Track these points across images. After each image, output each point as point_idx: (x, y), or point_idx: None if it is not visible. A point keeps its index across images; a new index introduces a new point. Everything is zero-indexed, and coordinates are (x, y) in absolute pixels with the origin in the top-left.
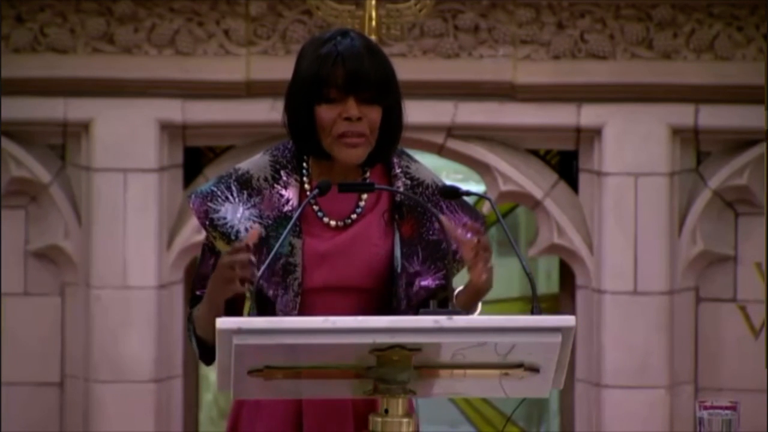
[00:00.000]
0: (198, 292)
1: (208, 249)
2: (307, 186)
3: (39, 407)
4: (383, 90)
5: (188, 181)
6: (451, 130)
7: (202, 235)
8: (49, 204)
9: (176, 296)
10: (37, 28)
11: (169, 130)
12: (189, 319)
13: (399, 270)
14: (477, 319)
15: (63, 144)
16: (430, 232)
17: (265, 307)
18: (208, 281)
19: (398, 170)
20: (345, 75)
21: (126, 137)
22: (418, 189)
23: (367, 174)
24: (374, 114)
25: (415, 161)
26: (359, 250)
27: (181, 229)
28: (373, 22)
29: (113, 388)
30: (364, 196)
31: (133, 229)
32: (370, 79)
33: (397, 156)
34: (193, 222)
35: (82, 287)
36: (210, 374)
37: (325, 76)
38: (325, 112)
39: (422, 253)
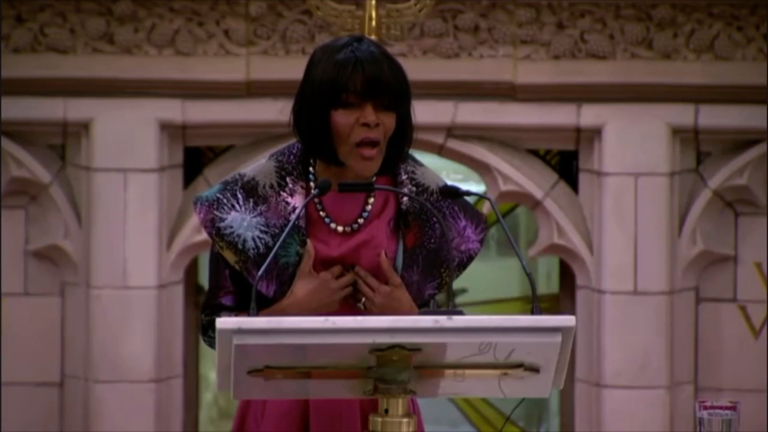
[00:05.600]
0: (223, 300)
1: (222, 259)
2: (326, 179)
3: (39, 407)
4: (400, 97)
5: (188, 181)
6: (451, 130)
7: (202, 236)
8: (49, 204)
9: (176, 296)
10: (37, 28)
11: (169, 130)
12: (210, 327)
13: None
14: (477, 319)
15: (63, 144)
16: (432, 240)
17: None
18: (225, 287)
19: (404, 176)
20: (364, 80)
21: (126, 137)
22: (422, 195)
23: (373, 179)
24: (390, 121)
25: (421, 165)
26: (365, 257)
27: (181, 229)
28: (373, 22)
29: (113, 388)
30: (371, 201)
31: (133, 229)
32: (390, 85)
33: (403, 161)
34: (193, 222)
35: (82, 287)
36: (210, 374)
37: (343, 82)
38: (342, 118)
39: (422, 263)
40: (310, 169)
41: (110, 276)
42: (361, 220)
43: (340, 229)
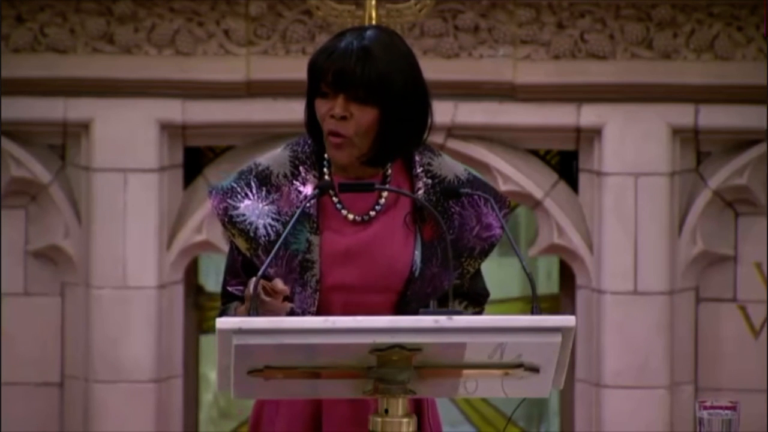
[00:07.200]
0: (230, 288)
1: (236, 248)
2: (327, 179)
3: (39, 407)
4: (375, 91)
5: (188, 181)
6: (451, 130)
7: (202, 236)
8: (49, 204)
9: (176, 296)
10: (37, 28)
11: (169, 130)
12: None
13: (417, 274)
14: (477, 319)
15: (63, 144)
16: (450, 231)
17: None
18: (237, 275)
19: (419, 169)
20: (333, 72)
21: (126, 137)
22: (439, 186)
23: (389, 171)
24: (365, 115)
25: (439, 155)
26: (380, 250)
27: (181, 229)
28: (373, 22)
29: (113, 388)
30: (384, 193)
31: (133, 229)
32: (355, 79)
33: (419, 153)
34: (193, 222)
35: (82, 287)
36: (210, 374)
37: (318, 71)
38: (320, 106)
39: (441, 255)
40: (325, 156)
41: (110, 276)
42: (372, 213)
43: (351, 217)
